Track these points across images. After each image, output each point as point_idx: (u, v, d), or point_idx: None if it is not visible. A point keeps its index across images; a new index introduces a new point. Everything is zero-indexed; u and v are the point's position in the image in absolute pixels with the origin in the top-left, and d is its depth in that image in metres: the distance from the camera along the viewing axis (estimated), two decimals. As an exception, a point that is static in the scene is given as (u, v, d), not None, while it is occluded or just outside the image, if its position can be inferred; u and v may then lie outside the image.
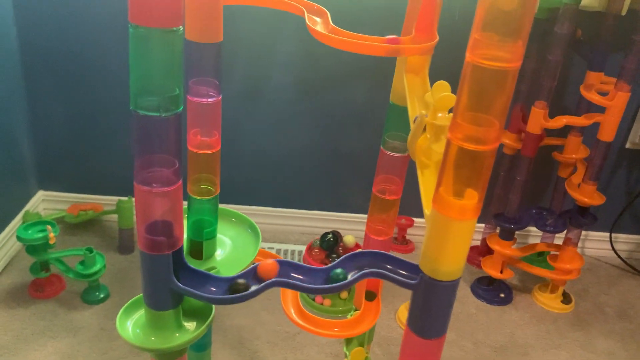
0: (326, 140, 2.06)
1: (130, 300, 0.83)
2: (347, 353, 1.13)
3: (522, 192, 1.81)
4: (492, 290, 1.96)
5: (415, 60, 0.93)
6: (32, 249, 1.70)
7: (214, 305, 0.81)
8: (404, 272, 0.75)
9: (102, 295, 1.77)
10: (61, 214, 2.03)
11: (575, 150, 1.90)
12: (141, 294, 0.80)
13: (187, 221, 1.05)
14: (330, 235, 1.90)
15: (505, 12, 0.57)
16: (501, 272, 1.92)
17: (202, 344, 1.18)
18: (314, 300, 1.83)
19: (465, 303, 1.93)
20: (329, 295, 1.81)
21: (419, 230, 2.20)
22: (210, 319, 0.78)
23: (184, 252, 1.06)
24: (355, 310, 1.19)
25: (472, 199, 0.66)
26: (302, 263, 0.77)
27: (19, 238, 1.67)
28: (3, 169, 1.87)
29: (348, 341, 1.17)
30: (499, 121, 0.62)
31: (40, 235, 1.68)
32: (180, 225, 0.73)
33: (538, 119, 1.71)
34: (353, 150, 2.08)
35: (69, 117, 2.00)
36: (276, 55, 1.92)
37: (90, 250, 1.71)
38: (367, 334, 1.17)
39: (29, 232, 1.69)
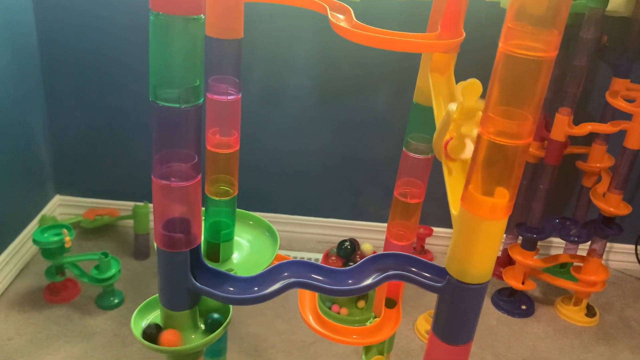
0: (344, 146, 2.04)
1: (146, 301, 0.81)
2: (367, 362, 1.09)
3: (545, 201, 1.77)
4: (514, 302, 1.91)
5: (440, 59, 0.90)
6: (47, 252, 1.69)
7: (231, 308, 0.78)
8: (429, 275, 0.72)
9: (116, 301, 1.75)
10: (77, 218, 2.03)
11: (599, 159, 1.86)
12: (157, 295, 0.77)
13: (204, 223, 1.03)
14: (347, 243, 1.85)
15: (540, -1, 0.54)
16: (523, 283, 1.87)
17: (217, 350, 1.16)
18: (330, 309, 1.79)
19: (486, 314, 1.88)
20: (345, 304, 1.77)
21: (438, 240, 2.16)
22: (227, 321, 0.76)
23: (203, 251, 1.04)
24: (375, 317, 1.16)
25: (503, 197, 0.63)
26: (320, 264, 0.74)
27: (35, 241, 1.66)
28: (21, 172, 1.87)
29: (367, 350, 1.13)
30: (533, 116, 0.59)
31: (56, 238, 1.67)
32: (199, 223, 0.70)
33: (562, 126, 1.67)
34: (372, 157, 2.05)
35: (87, 120, 2.00)
36: (294, 59, 1.91)
37: (106, 255, 1.70)
38: (387, 342, 1.13)
39: (45, 235, 1.68)
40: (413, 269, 0.73)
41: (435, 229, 2.13)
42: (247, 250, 1.05)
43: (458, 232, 0.66)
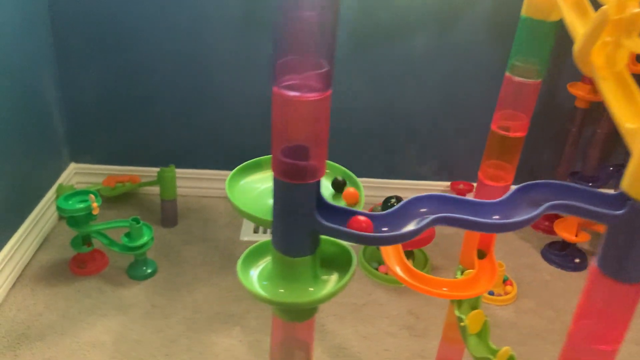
0: (379, 99, 1.91)
1: (251, 247, 0.68)
2: (463, 317, 0.98)
3: (602, 147, 1.67)
4: (566, 256, 1.81)
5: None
6: (73, 220, 1.56)
7: (354, 256, 0.66)
8: (599, 204, 0.60)
9: (149, 270, 1.63)
10: (96, 187, 1.88)
11: None
12: (264, 240, 0.65)
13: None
14: (393, 200, 1.75)
15: None
16: (576, 235, 1.77)
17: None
18: (377, 269, 1.69)
19: (538, 270, 1.79)
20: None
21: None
22: (351, 272, 0.64)
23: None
24: (463, 270, 1.05)
25: None
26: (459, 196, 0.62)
27: (60, 209, 1.52)
28: (34, 140, 1.72)
29: (459, 303, 1.03)
30: None
31: (82, 205, 1.53)
32: (325, 147, 0.58)
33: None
34: (409, 110, 1.92)
35: (102, 82, 1.85)
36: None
37: (137, 221, 1.57)
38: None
39: (70, 202, 1.55)
40: (576, 198, 0.61)
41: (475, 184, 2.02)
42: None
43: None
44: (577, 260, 1.81)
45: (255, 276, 0.66)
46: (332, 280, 0.64)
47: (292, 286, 0.63)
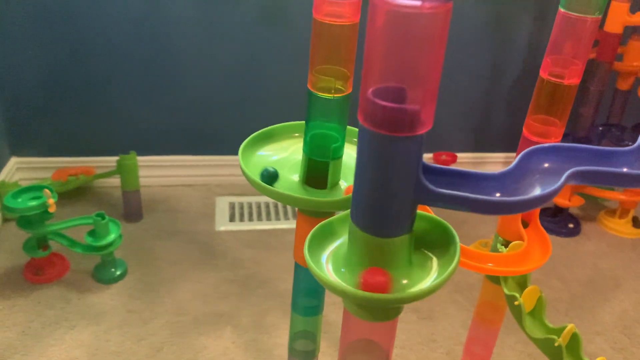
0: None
1: (316, 228, 0.53)
2: (517, 295, 0.86)
3: (596, 105, 1.59)
4: (559, 222, 1.75)
5: None
6: (25, 221, 1.34)
7: (455, 235, 0.52)
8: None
9: (119, 272, 1.43)
10: (45, 182, 1.65)
11: (637, 57, 1.70)
12: (332, 218, 0.50)
13: (304, 135, 0.76)
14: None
15: None
16: (569, 199, 1.71)
17: (313, 307, 0.89)
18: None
19: (533, 238, 1.71)
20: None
21: (462, 166, 1.96)
22: (456, 256, 0.49)
23: (300, 178, 0.77)
24: (504, 243, 0.93)
25: None
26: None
27: (7, 209, 1.30)
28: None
29: (504, 279, 0.91)
30: None
31: (35, 202, 1.32)
32: (435, 89, 0.43)
33: (620, 15, 1.48)
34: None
35: (44, 63, 1.61)
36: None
37: (102, 217, 1.37)
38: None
39: (19, 200, 1.33)
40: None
41: (459, 154, 1.92)
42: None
43: None
44: (570, 226, 1.75)
45: (327, 262, 0.50)
46: (431, 268, 0.50)
47: (382, 275, 0.48)
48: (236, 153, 0.76)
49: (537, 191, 0.47)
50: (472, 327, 1.06)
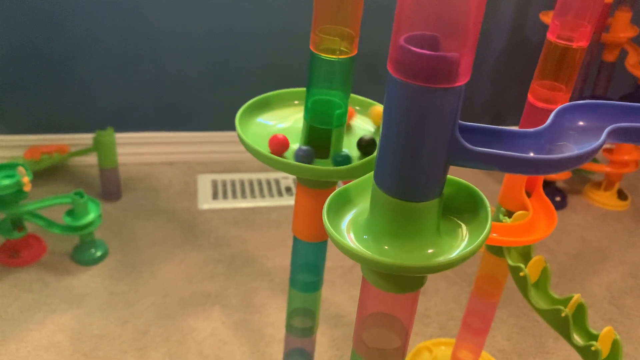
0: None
1: (335, 193, 0.49)
2: (522, 266, 0.84)
3: (585, 76, 1.58)
4: (546, 195, 1.74)
5: None
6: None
7: (485, 200, 0.48)
8: None
9: (99, 253, 1.37)
10: (17, 161, 1.57)
11: (623, 29, 1.69)
12: (351, 183, 0.46)
13: (306, 102, 0.71)
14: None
15: None
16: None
17: (312, 283, 0.86)
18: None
19: (520, 212, 1.70)
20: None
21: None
22: (488, 223, 0.46)
23: (301, 142, 0.73)
24: (506, 213, 0.91)
25: None
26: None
27: (-21, 188, 1.23)
28: None
29: (508, 251, 0.88)
30: None
31: (8, 181, 1.25)
32: (475, 39, 0.39)
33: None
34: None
35: (11, 35, 1.52)
36: None
37: (81, 195, 1.30)
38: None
39: (-9, 179, 1.26)
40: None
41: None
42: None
43: None
44: (557, 199, 1.75)
45: (348, 229, 0.46)
46: (460, 235, 0.46)
47: (408, 244, 0.44)
48: (219, 129, 0.72)
49: (573, 150, 0.43)
50: (470, 300, 1.04)
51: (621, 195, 1.78)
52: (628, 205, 1.77)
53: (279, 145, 0.69)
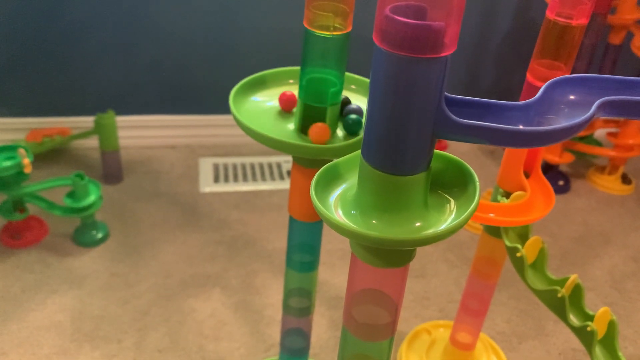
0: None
1: (323, 169, 0.48)
2: (519, 247, 0.84)
3: (590, 59, 1.56)
4: (549, 179, 1.72)
5: None
6: (1, 183, 1.27)
7: (474, 175, 0.48)
8: None
9: (100, 235, 1.38)
10: (18, 144, 1.58)
11: (630, 11, 1.66)
12: (341, 159, 0.46)
13: (300, 80, 0.71)
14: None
15: None
16: (559, 156, 1.69)
17: (308, 263, 0.86)
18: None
19: (523, 196, 1.70)
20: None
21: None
22: (476, 196, 0.45)
23: (295, 125, 0.72)
24: (504, 194, 0.90)
25: None
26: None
27: (-20, 169, 1.24)
28: None
29: (506, 230, 0.88)
30: None
31: (9, 163, 1.25)
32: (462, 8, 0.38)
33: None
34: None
35: (10, 16, 1.51)
36: None
37: (82, 177, 1.31)
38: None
39: (-7, 161, 1.26)
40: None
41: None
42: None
43: None
44: (560, 183, 1.74)
45: (336, 203, 0.46)
46: (447, 209, 0.46)
47: (395, 218, 0.44)
48: (220, 112, 0.71)
49: (563, 122, 0.43)
50: (468, 281, 1.04)
51: (625, 179, 1.77)
52: (632, 189, 1.76)
53: (288, 101, 0.71)
